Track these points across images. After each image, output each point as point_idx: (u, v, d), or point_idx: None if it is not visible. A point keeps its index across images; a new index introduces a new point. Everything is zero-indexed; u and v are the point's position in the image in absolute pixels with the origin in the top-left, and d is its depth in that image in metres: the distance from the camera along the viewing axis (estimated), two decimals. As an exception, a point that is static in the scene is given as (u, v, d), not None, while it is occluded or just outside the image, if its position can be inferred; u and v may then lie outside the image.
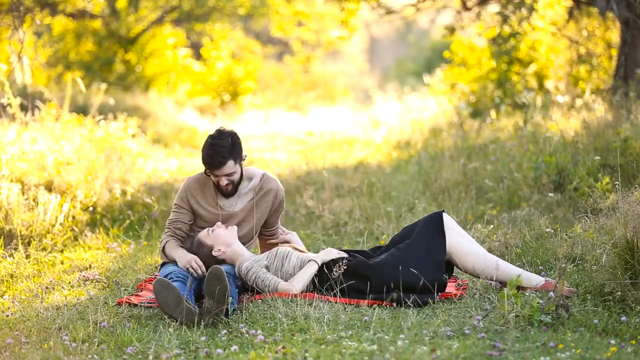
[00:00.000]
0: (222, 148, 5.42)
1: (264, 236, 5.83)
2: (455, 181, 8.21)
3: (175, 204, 5.65)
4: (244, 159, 5.57)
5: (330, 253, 5.33)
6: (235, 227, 5.49)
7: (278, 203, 5.71)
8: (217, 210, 5.60)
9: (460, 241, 5.29)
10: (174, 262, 5.54)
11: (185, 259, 5.43)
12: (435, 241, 5.25)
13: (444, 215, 5.35)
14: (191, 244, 5.52)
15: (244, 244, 5.58)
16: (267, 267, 5.31)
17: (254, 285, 5.28)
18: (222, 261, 5.40)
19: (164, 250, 5.62)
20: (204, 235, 5.43)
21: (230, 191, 5.56)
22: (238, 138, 5.52)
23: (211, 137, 5.48)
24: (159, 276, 5.31)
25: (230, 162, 5.44)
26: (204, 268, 5.38)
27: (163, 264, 5.63)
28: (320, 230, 7.33)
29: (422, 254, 5.20)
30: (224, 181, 5.50)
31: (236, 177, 5.52)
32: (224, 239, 5.40)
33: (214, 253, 5.38)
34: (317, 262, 5.28)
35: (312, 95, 22.95)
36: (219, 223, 5.49)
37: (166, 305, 4.85)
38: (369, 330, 4.64)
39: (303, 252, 5.46)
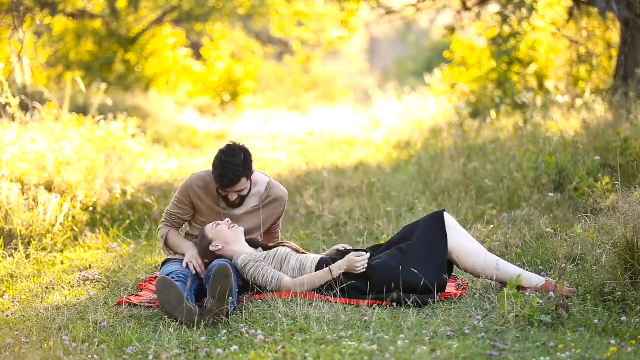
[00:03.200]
0: (235, 167, 5.36)
1: (269, 232, 5.87)
2: (455, 181, 8.21)
3: (176, 198, 5.63)
4: (253, 172, 5.56)
5: (352, 263, 5.17)
6: (242, 229, 5.47)
7: (283, 208, 5.75)
8: (220, 209, 5.60)
9: (461, 240, 5.28)
10: (174, 253, 5.59)
11: (189, 255, 5.45)
12: (437, 241, 5.24)
13: (445, 214, 5.35)
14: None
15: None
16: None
17: (252, 280, 5.25)
18: (220, 257, 5.40)
19: (167, 240, 5.62)
20: (208, 228, 5.42)
21: (237, 204, 5.56)
22: (250, 154, 5.47)
23: (223, 154, 5.39)
24: (160, 275, 5.32)
25: (243, 180, 5.42)
26: (202, 268, 5.39)
27: (164, 262, 5.62)
28: (320, 230, 7.33)
29: (424, 255, 5.19)
30: (233, 196, 5.49)
31: (246, 192, 5.52)
32: (223, 236, 5.39)
33: (210, 247, 5.38)
34: (331, 273, 5.21)
35: (312, 95, 22.95)
36: (227, 220, 5.47)
37: (168, 304, 4.86)
38: (369, 330, 4.64)
39: (303, 253, 5.45)
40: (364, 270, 5.17)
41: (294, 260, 5.31)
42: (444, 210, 5.40)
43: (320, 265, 5.27)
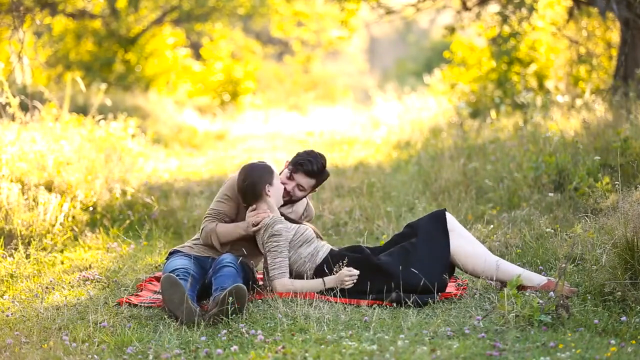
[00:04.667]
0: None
1: None
2: (455, 181, 8.21)
3: (225, 195, 5.56)
4: None
5: (342, 278, 5.22)
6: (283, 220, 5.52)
7: None
8: None
9: (462, 243, 5.28)
10: (226, 243, 5.52)
11: (248, 219, 5.43)
12: (439, 241, 5.24)
13: (447, 214, 5.34)
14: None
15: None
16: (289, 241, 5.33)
17: (264, 247, 5.29)
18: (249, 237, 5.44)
19: (216, 233, 5.51)
20: (278, 181, 5.45)
21: (286, 199, 5.62)
22: None
23: (306, 151, 5.65)
24: (165, 267, 5.36)
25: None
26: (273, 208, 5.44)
27: (170, 254, 5.58)
28: (320, 230, 7.33)
29: (426, 255, 5.20)
30: (299, 190, 5.62)
31: (308, 192, 5.71)
32: (281, 194, 5.46)
33: (266, 188, 5.36)
34: (324, 284, 5.25)
35: (312, 95, 22.95)
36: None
37: (171, 303, 4.87)
38: (369, 330, 4.64)
39: (321, 238, 5.47)
40: (352, 285, 5.19)
41: (312, 246, 5.35)
42: (445, 209, 5.40)
43: (333, 258, 5.30)
